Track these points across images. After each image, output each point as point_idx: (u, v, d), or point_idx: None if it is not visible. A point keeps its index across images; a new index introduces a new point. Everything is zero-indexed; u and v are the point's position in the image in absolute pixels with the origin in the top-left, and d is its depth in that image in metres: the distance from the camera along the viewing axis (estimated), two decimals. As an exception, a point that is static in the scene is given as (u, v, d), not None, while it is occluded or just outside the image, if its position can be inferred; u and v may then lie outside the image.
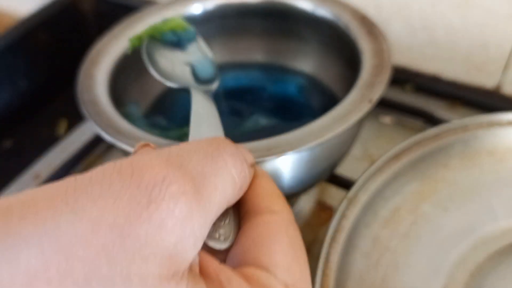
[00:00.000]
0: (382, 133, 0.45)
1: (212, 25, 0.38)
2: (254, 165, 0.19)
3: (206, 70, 0.32)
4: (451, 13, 0.41)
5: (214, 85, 0.31)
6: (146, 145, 0.19)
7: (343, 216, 0.29)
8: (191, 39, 0.32)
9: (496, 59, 0.41)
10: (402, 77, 0.46)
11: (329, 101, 0.37)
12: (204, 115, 0.23)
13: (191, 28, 0.32)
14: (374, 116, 0.46)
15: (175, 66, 0.31)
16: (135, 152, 0.18)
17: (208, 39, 0.39)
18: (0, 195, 0.43)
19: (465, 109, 0.44)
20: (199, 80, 0.31)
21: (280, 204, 0.18)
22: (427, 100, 0.45)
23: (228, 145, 0.17)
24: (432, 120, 0.42)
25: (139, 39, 0.31)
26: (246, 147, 0.24)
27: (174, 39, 0.32)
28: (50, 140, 0.56)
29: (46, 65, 0.63)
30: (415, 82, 0.46)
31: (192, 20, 0.37)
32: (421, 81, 0.46)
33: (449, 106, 0.45)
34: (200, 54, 0.32)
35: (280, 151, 0.24)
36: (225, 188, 0.16)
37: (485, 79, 0.43)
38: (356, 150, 0.43)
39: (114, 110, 0.29)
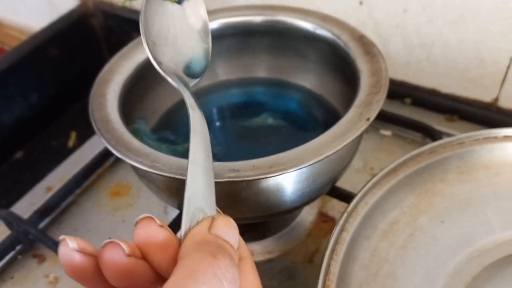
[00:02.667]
0: (382, 145, 0.46)
1: (217, 43, 0.40)
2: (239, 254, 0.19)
3: (200, 63, 0.29)
4: (447, 30, 0.42)
5: (200, 78, 0.28)
6: (149, 218, 0.18)
7: (343, 229, 0.30)
8: None
9: (492, 74, 0.43)
10: (401, 92, 0.48)
11: (329, 115, 0.39)
12: (201, 156, 0.21)
13: None
14: (375, 129, 0.47)
15: (173, 29, 0.28)
16: (136, 223, 0.18)
17: (212, 57, 0.41)
18: (13, 205, 0.45)
19: (463, 122, 0.46)
20: (190, 72, 0.28)
21: None
22: (426, 113, 0.47)
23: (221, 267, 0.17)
24: (431, 133, 0.44)
25: None
26: (246, 166, 0.25)
27: None
28: (59, 152, 0.58)
29: (56, 79, 0.65)
30: (414, 96, 0.47)
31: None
32: (420, 95, 0.47)
33: (448, 119, 0.46)
34: (197, 20, 0.28)
35: (281, 168, 0.25)
36: None
37: (483, 94, 0.44)
38: (357, 163, 0.44)
39: (124, 127, 0.30)
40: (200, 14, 0.29)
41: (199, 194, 0.19)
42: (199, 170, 0.20)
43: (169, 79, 0.25)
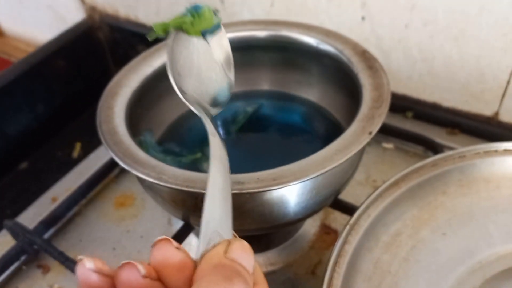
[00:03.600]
0: (384, 158, 0.46)
1: (222, 57, 0.41)
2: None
3: (223, 94, 0.29)
4: (448, 45, 0.43)
5: (223, 107, 0.29)
6: (166, 240, 0.18)
7: (345, 241, 0.31)
8: (214, 31, 0.29)
9: (493, 88, 0.43)
10: (403, 105, 0.48)
11: (332, 128, 0.39)
12: (220, 186, 0.21)
13: (217, 20, 0.29)
14: (377, 142, 0.48)
15: (197, 62, 0.29)
16: (154, 245, 0.18)
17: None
18: (19, 216, 0.45)
19: (465, 136, 0.46)
20: (214, 102, 0.29)
21: None
22: (428, 127, 0.47)
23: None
24: (432, 146, 0.44)
25: (165, 29, 0.28)
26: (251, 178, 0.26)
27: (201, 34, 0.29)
28: (64, 163, 0.59)
29: (62, 90, 0.66)
30: (416, 109, 0.48)
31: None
32: (422, 108, 0.48)
33: (449, 133, 0.47)
34: (221, 52, 0.29)
35: (285, 181, 0.26)
36: None
37: (483, 108, 0.45)
38: (359, 175, 0.45)
39: (130, 139, 0.31)
40: (224, 47, 0.30)
41: (217, 218, 0.20)
42: (218, 194, 0.20)
43: (192, 108, 0.26)
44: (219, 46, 0.30)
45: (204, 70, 0.29)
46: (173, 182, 0.26)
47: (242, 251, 0.19)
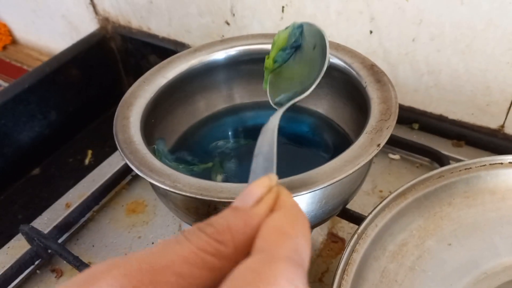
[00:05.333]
0: (391, 169, 0.47)
1: (234, 69, 0.42)
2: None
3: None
4: (455, 59, 0.44)
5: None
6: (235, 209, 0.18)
7: (353, 250, 0.31)
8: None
9: (499, 102, 0.44)
10: (410, 117, 0.49)
11: (340, 139, 0.40)
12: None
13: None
14: (384, 153, 0.48)
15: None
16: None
17: (230, 81, 0.43)
18: (34, 221, 0.46)
19: (471, 148, 0.47)
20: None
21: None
22: (434, 139, 0.48)
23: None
24: (438, 158, 0.45)
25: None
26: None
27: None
28: (76, 170, 0.60)
29: (75, 99, 0.67)
30: (422, 121, 0.49)
31: (216, 65, 0.41)
32: (428, 120, 0.49)
33: (455, 145, 0.48)
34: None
35: (295, 191, 0.26)
36: None
37: (489, 120, 0.46)
38: (366, 186, 0.46)
39: (146, 148, 0.32)
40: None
41: (264, 152, 0.22)
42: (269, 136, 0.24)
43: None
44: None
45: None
46: (188, 190, 0.27)
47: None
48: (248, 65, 0.42)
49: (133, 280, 0.15)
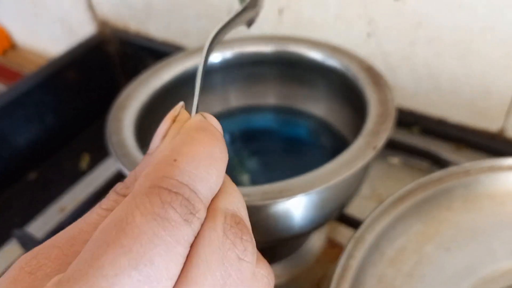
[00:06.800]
0: (390, 173, 0.47)
1: (230, 72, 0.41)
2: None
3: None
4: (454, 62, 0.43)
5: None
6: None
7: (350, 255, 0.31)
8: None
9: (498, 105, 0.43)
10: (409, 120, 0.49)
11: (337, 142, 0.40)
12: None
13: None
14: (383, 157, 0.48)
15: None
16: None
17: (225, 84, 0.43)
18: (28, 225, 0.46)
19: (470, 151, 0.46)
20: None
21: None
22: (433, 142, 0.48)
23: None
24: (438, 162, 0.44)
25: None
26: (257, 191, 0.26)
27: None
28: (73, 174, 0.59)
29: (72, 102, 0.67)
30: (422, 125, 0.48)
31: (212, 67, 0.41)
32: (428, 124, 0.48)
33: (455, 148, 0.47)
34: None
35: (291, 193, 0.26)
36: None
37: (489, 123, 0.45)
38: (365, 190, 0.45)
39: (139, 151, 0.31)
40: None
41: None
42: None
43: None
44: None
45: None
46: (180, 194, 0.27)
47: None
48: (244, 68, 0.42)
49: (41, 258, 0.14)
